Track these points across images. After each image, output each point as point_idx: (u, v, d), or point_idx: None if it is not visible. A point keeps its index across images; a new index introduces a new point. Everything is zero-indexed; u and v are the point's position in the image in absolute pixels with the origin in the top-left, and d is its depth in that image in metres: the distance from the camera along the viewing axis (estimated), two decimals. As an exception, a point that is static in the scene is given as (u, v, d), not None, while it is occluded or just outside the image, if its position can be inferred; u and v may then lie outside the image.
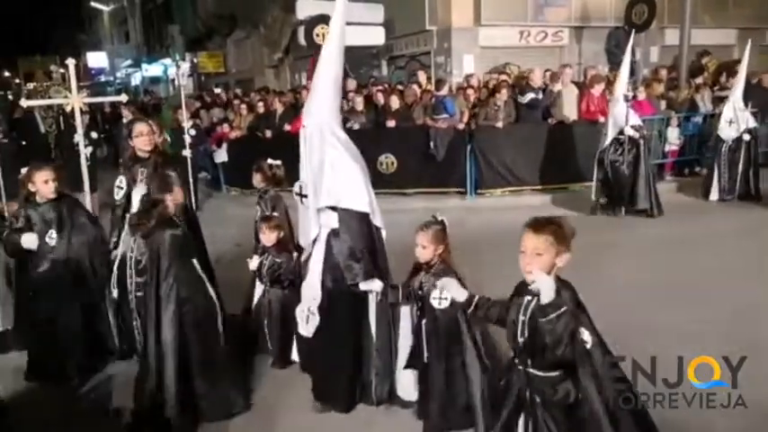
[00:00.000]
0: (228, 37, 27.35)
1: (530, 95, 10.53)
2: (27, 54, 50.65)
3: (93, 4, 45.18)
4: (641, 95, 10.58)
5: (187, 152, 8.14)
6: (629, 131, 8.77)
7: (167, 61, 32.00)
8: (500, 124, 10.21)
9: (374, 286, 3.74)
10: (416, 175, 10.54)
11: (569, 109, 10.35)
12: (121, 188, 4.64)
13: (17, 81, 43.31)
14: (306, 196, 3.98)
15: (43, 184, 4.46)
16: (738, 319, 5.23)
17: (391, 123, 10.63)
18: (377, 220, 4.00)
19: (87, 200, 5.64)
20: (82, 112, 5.95)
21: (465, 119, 10.62)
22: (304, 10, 13.50)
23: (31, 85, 22.28)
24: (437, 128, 10.26)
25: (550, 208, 9.47)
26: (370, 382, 3.96)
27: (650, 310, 5.51)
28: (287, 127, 11.37)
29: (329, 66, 3.85)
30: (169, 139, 10.48)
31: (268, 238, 4.73)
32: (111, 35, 47.65)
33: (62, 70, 15.81)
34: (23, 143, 12.26)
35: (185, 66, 26.85)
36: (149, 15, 38.25)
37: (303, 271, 4.19)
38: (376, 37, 14.73)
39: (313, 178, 3.85)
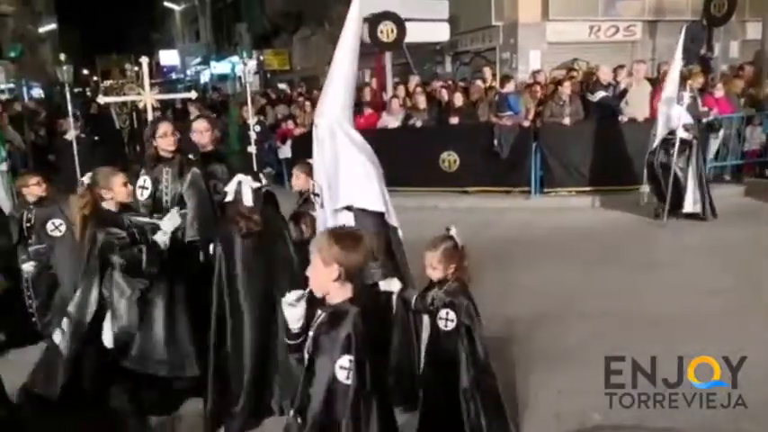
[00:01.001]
0: (294, 34, 27.74)
1: (600, 93, 10.19)
2: (104, 53, 52.91)
3: (166, 3, 46.74)
4: (719, 92, 10.05)
5: (252, 148, 8.27)
6: (682, 133, 8.26)
7: (235, 59, 32.72)
8: (567, 121, 9.91)
9: (393, 286, 3.62)
10: (479, 174, 10.37)
11: (642, 106, 9.94)
12: (146, 188, 4.51)
13: (95, 79, 45.29)
14: (319, 196, 3.92)
15: (122, 187, 4.12)
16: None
17: (454, 120, 10.49)
18: (392, 220, 3.94)
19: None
20: (153, 109, 6.11)
21: (531, 116, 10.38)
22: (368, 7, 13.49)
23: (107, 83, 23.21)
24: (502, 125, 10.06)
25: (614, 209, 9.15)
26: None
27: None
28: (350, 124, 11.41)
29: (342, 66, 3.81)
30: (230, 134, 10.70)
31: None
32: (183, 34, 49.18)
33: (136, 68, 16.40)
34: (98, 138, 12.75)
35: (252, 63, 27.43)
36: (219, 14, 39.25)
37: None
38: (440, 33, 14.58)
39: (327, 179, 3.81)
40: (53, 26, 43.86)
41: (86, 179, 4.04)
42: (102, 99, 7.51)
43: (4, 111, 12.88)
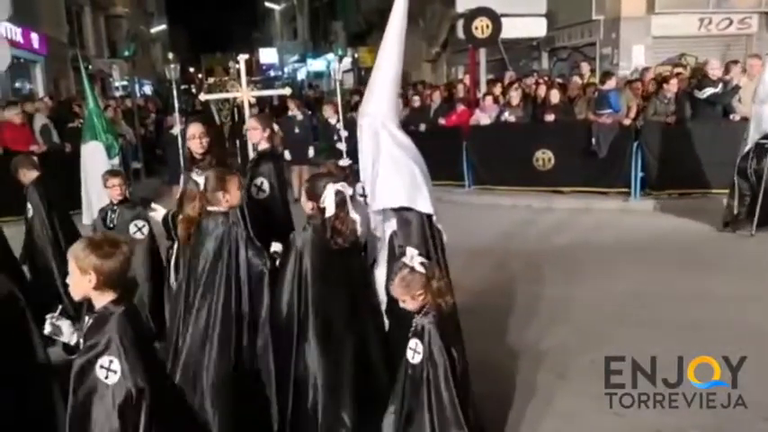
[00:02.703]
0: (388, 32, 27.91)
1: (709, 90, 9.55)
2: (209, 52, 55.53)
3: (267, 3, 48.42)
4: None
5: (342, 145, 8.36)
6: None
7: (330, 56, 33.40)
8: (672, 119, 9.39)
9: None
10: (574, 173, 10.02)
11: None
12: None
13: (199, 76, 47.59)
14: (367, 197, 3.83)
15: (238, 190, 3.76)
16: None
17: (550, 117, 10.19)
18: (439, 224, 3.77)
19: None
20: (251, 105, 6.31)
21: (632, 114, 9.91)
22: (464, 3, 13.37)
23: (211, 80, 24.29)
24: (600, 123, 9.67)
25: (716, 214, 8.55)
26: None
27: None
28: (442, 121, 11.35)
29: (389, 64, 3.73)
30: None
31: None
32: (282, 32, 50.76)
33: (237, 66, 17.06)
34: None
35: (346, 60, 27.87)
36: (316, 12, 40.20)
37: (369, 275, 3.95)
38: (537, 28, 14.22)
39: (372, 179, 3.72)
40: (163, 26, 46.47)
41: (198, 178, 3.68)
42: (202, 96, 7.84)
43: (118, 107, 13.77)
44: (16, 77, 19.21)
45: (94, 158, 9.38)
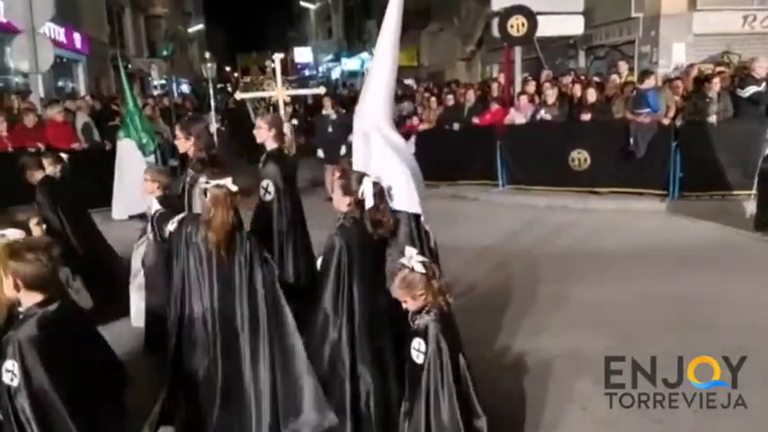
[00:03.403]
0: (422, 30, 27.85)
1: (752, 89, 9.28)
2: (245, 51, 56.23)
3: (302, 3, 48.77)
4: None
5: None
6: None
7: (364, 55, 33.46)
8: (713, 119, 9.15)
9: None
10: (611, 174, 9.83)
11: (803, 104, 8.96)
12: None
13: (235, 75, 48.23)
14: None
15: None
16: None
17: (586, 117, 10.02)
18: (427, 225, 3.77)
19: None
20: (285, 104, 6.37)
21: (671, 113, 9.68)
22: (499, 1, 13.26)
23: (247, 79, 24.60)
24: (638, 123, 9.48)
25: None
26: None
27: None
28: (475, 120, 11.28)
29: (383, 66, 3.70)
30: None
31: None
32: (316, 31, 51.07)
33: (273, 65, 17.24)
34: (233, 131, 13.56)
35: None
36: (351, 11, 40.34)
37: None
38: (574, 26, 14.01)
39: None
40: (201, 26, 47.23)
41: (228, 184, 3.50)
42: (238, 95, 7.96)
43: (156, 105, 14.03)
44: (59, 76, 19.74)
45: (129, 156, 9.62)
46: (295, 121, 11.96)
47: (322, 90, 7.90)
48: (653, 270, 6.50)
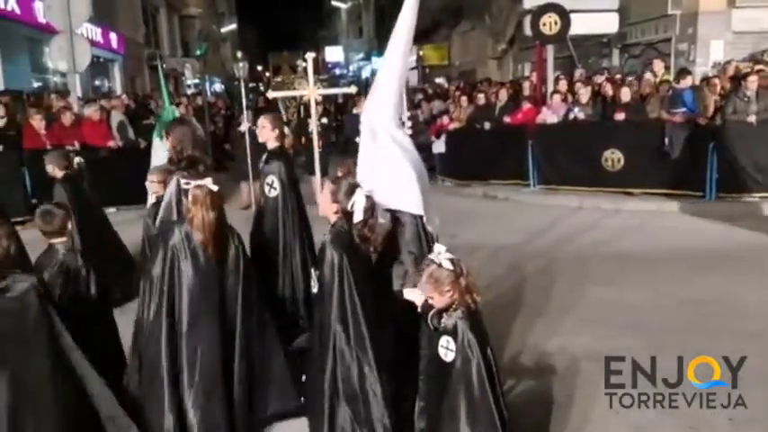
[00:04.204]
0: (454, 29, 27.74)
1: (793, 87, 9.04)
2: (276, 50, 56.63)
3: (333, 2, 48.98)
4: None
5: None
6: None
7: (395, 54, 33.43)
8: (752, 119, 8.92)
9: (415, 297, 3.16)
10: (645, 174, 9.64)
11: None
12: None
13: (267, 74, 48.61)
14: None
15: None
16: None
17: (620, 116, 9.85)
18: (430, 225, 3.71)
19: (317, 182, 6.03)
20: (316, 103, 6.38)
21: (708, 113, 9.46)
22: (532, -1, 13.14)
23: (278, 78, 24.78)
24: (674, 122, 9.28)
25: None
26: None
27: None
28: (507, 119, 11.18)
29: (395, 63, 3.66)
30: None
31: None
32: (347, 30, 51.24)
33: (304, 64, 17.35)
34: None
35: (411, 58, 27.79)
36: (382, 10, 40.35)
37: None
38: (608, 24, 13.78)
39: (369, 179, 3.65)
40: (233, 26, 47.76)
41: (208, 184, 3.49)
42: (270, 94, 7.98)
43: (189, 104, 14.23)
44: (96, 76, 20.18)
45: (157, 155, 9.79)
46: (325, 120, 12.01)
47: (354, 89, 7.90)
48: (682, 272, 6.36)
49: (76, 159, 6.19)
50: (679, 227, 8.34)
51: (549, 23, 11.51)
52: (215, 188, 3.46)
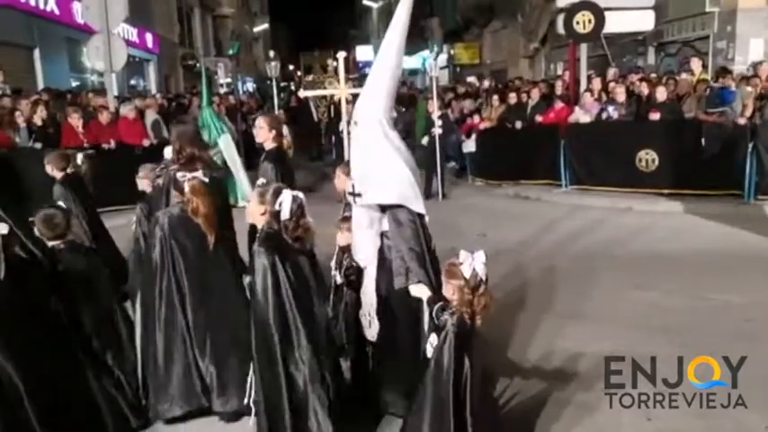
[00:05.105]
0: (485, 28, 27.55)
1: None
2: (308, 50, 57.01)
3: (364, 2, 49.06)
4: None
5: (425, 140, 8.31)
6: None
7: (425, 53, 33.36)
8: (794, 119, 8.67)
9: (422, 292, 3.30)
10: (681, 175, 9.42)
11: None
12: None
13: (298, 73, 48.97)
14: (359, 195, 3.70)
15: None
16: None
17: (655, 116, 9.67)
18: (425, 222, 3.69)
19: (345, 180, 6.04)
20: (347, 102, 6.41)
21: (747, 113, 9.22)
22: (565, -3, 12.98)
23: (309, 77, 24.93)
24: (711, 122, 9.07)
25: None
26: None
27: None
28: (538, 118, 11.06)
29: (388, 61, 3.64)
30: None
31: (344, 238, 4.14)
32: (378, 30, 51.23)
33: (335, 63, 17.42)
34: (296, 128, 13.80)
35: (442, 57, 27.69)
36: (412, 10, 40.28)
37: (360, 276, 3.89)
38: (644, 22, 13.55)
39: (362, 175, 3.64)
40: (265, 26, 48.18)
41: (200, 176, 3.96)
42: (301, 93, 8.08)
43: (221, 103, 14.39)
44: (132, 75, 20.55)
45: (230, 149, 10.12)
46: (355, 119, 12.06)
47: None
48: (718, 275, 6.22)
49: (79, 159, 6.13)
50: (715, 229, 8.14)
51: (583, 22, 11.35)
52: (206, 180, 3.93)
